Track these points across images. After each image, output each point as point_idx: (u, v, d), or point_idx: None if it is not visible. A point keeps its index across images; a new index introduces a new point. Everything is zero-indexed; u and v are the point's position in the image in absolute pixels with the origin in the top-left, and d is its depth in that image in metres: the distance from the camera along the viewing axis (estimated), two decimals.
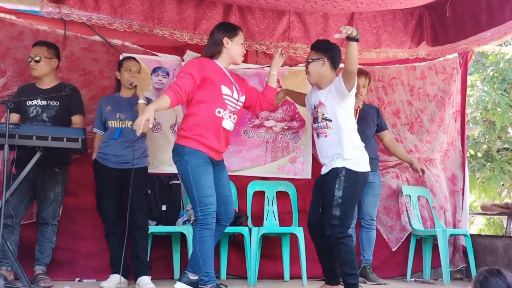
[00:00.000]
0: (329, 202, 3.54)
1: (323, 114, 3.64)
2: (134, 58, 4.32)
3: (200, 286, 3.37)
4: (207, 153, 3.43)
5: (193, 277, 3.56)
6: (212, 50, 3.55)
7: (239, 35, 3.61)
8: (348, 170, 3.54)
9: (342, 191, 3.51)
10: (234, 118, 3.56)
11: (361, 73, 4.66)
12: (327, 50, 3.71)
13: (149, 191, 4.34)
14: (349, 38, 3.36)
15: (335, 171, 3.56)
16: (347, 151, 3.55)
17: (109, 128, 4.17)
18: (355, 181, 3.57)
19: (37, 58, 4.03)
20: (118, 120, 4.15)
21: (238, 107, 3.58)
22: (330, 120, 3.61)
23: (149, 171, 4.38)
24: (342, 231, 3.52)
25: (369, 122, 4.74)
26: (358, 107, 4.58)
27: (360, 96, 4.63)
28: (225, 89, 3.48)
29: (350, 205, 3.58)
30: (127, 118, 4.14)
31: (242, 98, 3.62)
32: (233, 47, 3.57)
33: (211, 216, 3.35)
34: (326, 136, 3.63)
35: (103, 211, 4.12)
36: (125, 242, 3.89)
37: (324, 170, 3.70)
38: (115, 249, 4.06)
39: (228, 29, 3.62)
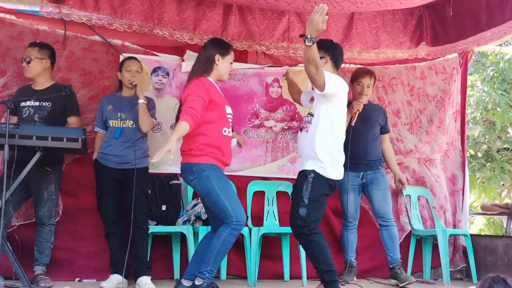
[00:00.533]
0: (296, 202, 3.59)
1: (310, 109, 3.70)
2: (135, 58, 4.32)
3: (200, 278, 3.38)
4: (220, 166, 3.53)
5: (187, 284, 3.53)
6: (205, 66, 3.58)
7: (231, 54, 3.68)
8: (317, 174, 3.56)
9: (310, 192, 3.54)
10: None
11: (365, 72, 4.67)
12: (329, 48, 3.74)
13: (149, 191, 4.34)
14: (305, 40, 3.39)
15: (304, 173, 3.60)
16: (319, 154, 3.56)
17: (110, 128, 4.17)
18: (322, 186, 3.59)
19: (28, 59, 4.03)
20: (119, 119, 4.15)
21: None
22: (313, 115, 3.66)
23: (149, 171, 4.37)
24: (310, 228, 3.53)
25: (374, 122, 4.70)
26: (358, 110, 4.52)
27: (364, 96, 4.63)
28: (228, 109, 3.59)
29: (316, 208, 3.58)
30: (128, 117, 4.14)
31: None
32: (223, 65, 3.62)
33: (243, 224, 3.45)
34: (307, 131, 3.67)
35: (103, 211, 4.13)
36: (128, 242, 3.91)
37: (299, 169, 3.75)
38: (115, 249, 4.07)
39: (221, 46, 3.66)
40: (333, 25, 4.68)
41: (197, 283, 3.39)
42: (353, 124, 4.47)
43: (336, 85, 3.58)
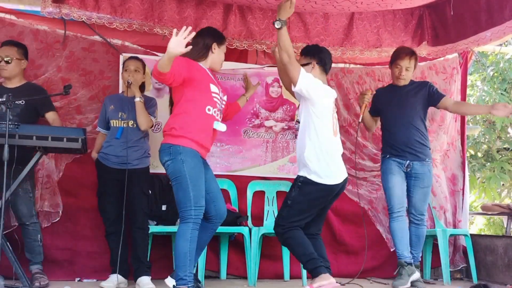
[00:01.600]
0: (282, 205, 3.70)
1: (297, 116, 3.73)
2: (135, 57, 4.31)
3: (179, 285, 3.29)
4: (199, 151, 3.43)
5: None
6: (200, 53, 3.55)
7: (225, 44, 3.69)
8: (307, 179, 3.60)
9: (294, 195, 3.62)
10: (221, 117, 3.60)
11: (405, 53, 4.39)
12: (315, 53, 3.76)
13: (149, 192, 4.34)
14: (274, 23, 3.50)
15: (297, 178, 3.69)
16: (307, 160, 3.60)
17: (111, 128, 4.17)
18: (311, 191, 3.61)
19: (7, 59, 4.01)
20: (120, 119, 4.15)
21: (223, 106, 3.64)
22: (299, 122, 3.73)
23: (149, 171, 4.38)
24: (285, 227, 3.60)
25: (411, 104, 4.37)
26: (365, 104, 4.42)
27: (402, 80, 4.40)
28: (213, 87, 3.50)
29: (300, 210, 3.62)
30: (129, 117, 4.14)
31: (225, 98, 3.68)
32: (218, 54, 3.62)
33: (201, 216, 3.36)
34: (297, 137, 3.76)
35: (103, 210, 4.13)
36: (128, 242, 3.90)
37: None
38: (115, 249, 4.07)
39: (219, 35, 3.67)
40: (333, 25, 4.67)
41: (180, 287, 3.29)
42: (360, 120, 4.50)
43: (310, 85, 3.57)
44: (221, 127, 3.52)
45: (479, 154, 9.08)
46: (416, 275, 4.29)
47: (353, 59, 5.06)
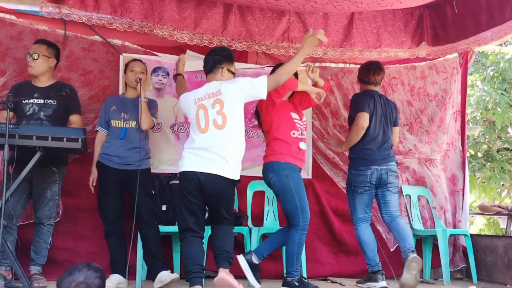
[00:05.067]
0: None
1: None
2: (139, 60, 4.36)
3: (288, 277, 3.87)
4: (298, 165, 3.93)
5: (256, 260, 3.97)
6: None
7: None
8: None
9: None
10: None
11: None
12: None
13: (153, 192, 4.35)
14: None
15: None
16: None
17: (112, 128, 4.17)
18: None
19: (35, 56, 4.01)
20: (122, 120, 4.16)
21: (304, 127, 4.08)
22: None
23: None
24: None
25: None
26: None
27: None
28: (294, 115, 3.98)
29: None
30: (131, 118, 4.14)
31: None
32: None
33: (308, 222, 3.86)
34: None
35: (104, 211, 4.13)
36: (131, 242, 3.91)
37: None
38: (115, 250, 4.08)
39: None
40: (333, 25, 4.67)
41: (289, 279, 3.88)
42: None
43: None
44: (303, 146, 3.99)
45: (479, 154, 9.08)
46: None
47: (353, 59, 5.06)
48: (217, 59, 3.71)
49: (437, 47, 4.92)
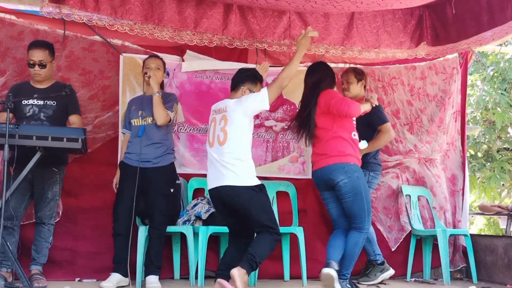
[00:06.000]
0: None
1: None
2: (156, 56, 4.35)
3: (343, 279, 3.78)
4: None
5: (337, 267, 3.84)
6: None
7: None
8: None
9: None
10: None
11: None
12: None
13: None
14: None
15: None
16: None
17: (132, 128, 4.18)
18: None
19: (43, 64, 3.99)
20: (140, 118, 4.16)
21: None
22: None
23: None
24: None
25: None
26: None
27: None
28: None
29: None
30: (148, 114, 4.14)
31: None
32: None
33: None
34: None
35: (116, 211, 4.08)
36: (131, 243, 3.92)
37: None
38: (120, 249, 4.02)
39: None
40: (334, 24, 4.67)
41: (342, 281, 3.79)
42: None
43: None
44: (362, 144, 4.07)
45: (479, 154, 9.07)
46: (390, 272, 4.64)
47: (353, 59, 5.06)
48: (240, 78, 3.84)
49: (437, 47, 4.91)
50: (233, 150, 3.63)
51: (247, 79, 3.82)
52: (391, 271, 4.62)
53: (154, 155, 4.09)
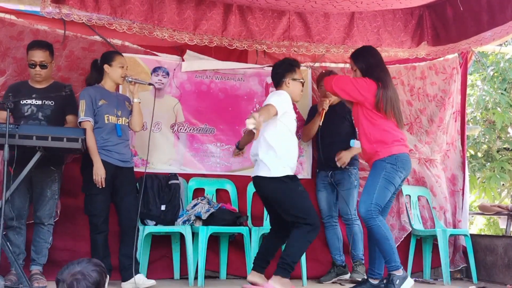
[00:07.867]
0: None
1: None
2: (121, 54, 4.28)
3: (392, 270, 3.67)
4: None
5: (374, 281, 3.82)
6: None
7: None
8: None
9: None
10: None
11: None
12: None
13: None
14: None
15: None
16: None
17: (105, 123, 4.02)
18: None
19: (43, 64, 3.99)
20: (115, 116, 4.08)
21: None
22: None
23: (148, 170, 4.43)
24: None
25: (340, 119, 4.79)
26: (323, 109, 4.62)
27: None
28: None
29: None
30: (123, 115, 4.14)
31: None
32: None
33: None
34: None
35: (97, 208, 3.99)
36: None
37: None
38: (103, 247, 4.00)
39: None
40: (335, 24, 4.68)
41: (373, 282, 3.81)
42: (320, 124, 4.62)
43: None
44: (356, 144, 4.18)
45: (479, 154, 9.07)
46: (346, 276, 4.69)
47: None
48: (279, 73, 3.94)
49: (438, 47, 4.92)
50: (266, 139, 3.78)
51: (285, 71, 3.93)
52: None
53: (129, 155, 4.16)
